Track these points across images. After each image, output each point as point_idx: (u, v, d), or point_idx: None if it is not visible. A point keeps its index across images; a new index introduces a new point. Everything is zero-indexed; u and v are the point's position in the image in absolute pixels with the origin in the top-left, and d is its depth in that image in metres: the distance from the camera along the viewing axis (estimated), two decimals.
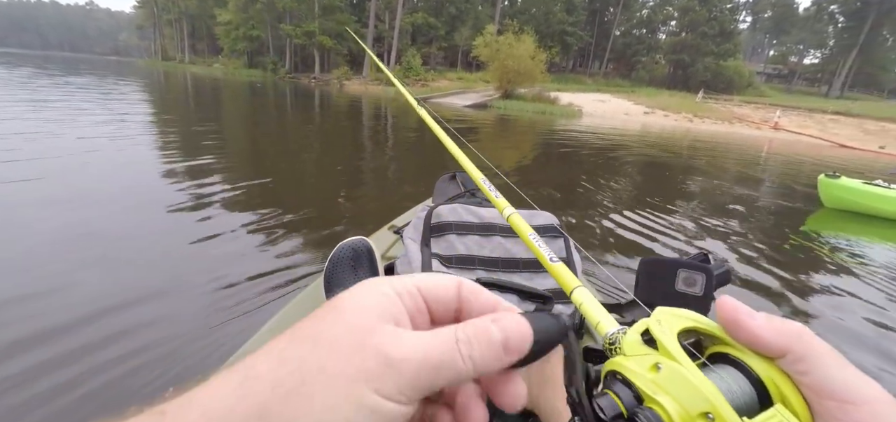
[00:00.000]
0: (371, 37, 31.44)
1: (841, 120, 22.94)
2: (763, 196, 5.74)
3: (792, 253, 3.29)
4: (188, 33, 47.91)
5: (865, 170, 9.58)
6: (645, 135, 13.07)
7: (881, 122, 23.01)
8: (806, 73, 49.23)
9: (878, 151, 15.01)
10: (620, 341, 0.22)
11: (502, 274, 0.71)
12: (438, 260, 0.71)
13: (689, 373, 0.19)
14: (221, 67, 36.76)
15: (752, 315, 0.20)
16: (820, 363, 0.18)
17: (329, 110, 12.17)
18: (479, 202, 0.89)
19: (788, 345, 0.19)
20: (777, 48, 55.60)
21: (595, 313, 0.26)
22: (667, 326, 0.21)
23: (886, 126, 21.76)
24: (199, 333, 1.65)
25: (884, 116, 25.06)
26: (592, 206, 4.11)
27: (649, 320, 0.21)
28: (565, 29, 36.28)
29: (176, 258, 2.27)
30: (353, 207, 3.35)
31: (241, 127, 7.28)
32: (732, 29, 37.38)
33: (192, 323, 1.72)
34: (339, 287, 0.73)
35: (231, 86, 18.41)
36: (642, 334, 0.22)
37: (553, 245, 0.75)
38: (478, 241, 0.74)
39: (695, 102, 25.36)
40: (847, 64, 40.63)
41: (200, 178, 3.65)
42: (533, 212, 0.81)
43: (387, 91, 23.13)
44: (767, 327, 0.19)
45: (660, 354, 0.20)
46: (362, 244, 0.77)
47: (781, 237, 3.70)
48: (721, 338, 0.21)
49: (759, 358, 0.20)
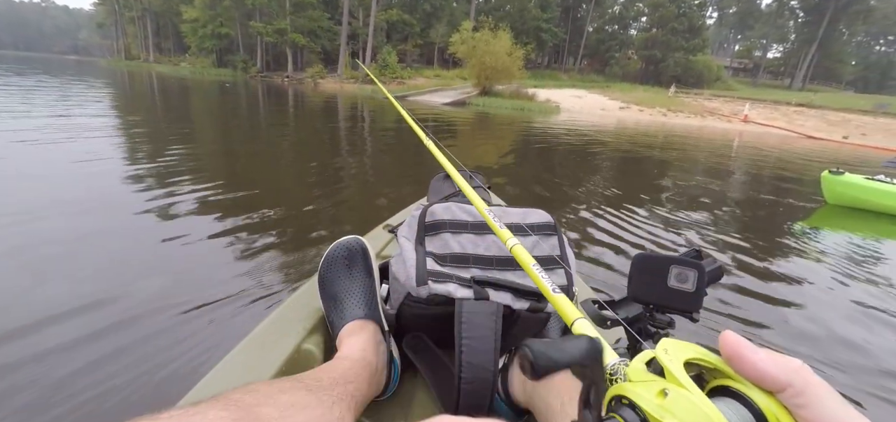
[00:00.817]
0: (345, 34, 30.83)
1: (804, 111, 23.82)
2: (756, 192, 5.78)
3: (800, 251, 3.22)
4: (153, 31, 45.90)
5: (839, 160, 9.90)
6: (623, 130, 13.18)
7: (841, 112, 24.02)
8: (770, 67, 51.18)
9: (842, 141, 15.65)
10: (623, 370, 0.23)
11: (497, 272, 0.70)
12: (433, 259, 0.70)
13: (697, 399, 0.19)
14: (189, 67, 35.34)
15: (755, 350, 0.21)
16: (817, 398, 0.19)
17: (304, 109, 11.77)
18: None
19: (789, 380, 0.20)
20: (742, 43, 57.56)
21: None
22: (674, 355, 0.22)
23: (846, 116, 22.73)
24: (167, 350, 1.50)
25: (842, 106, 26.25)
26: (579, 202, 4.00)
27: (656, 350, 0.22)
28: (540, 25, 36.53)
29: (140, 268, 2.04)
30: (333, 211, 3.13)
31: (211, 129, 6.88)
32: (700, 24, 38.43)
33: (159, 341, 1.55)
34: (333, 286, 0.74)
35: (200, 86, 17.64)
36: (647, 363, 0.22)
37: (548, 243, 0.75)
38: (472, 239, 0.73)
39: (668, 97, 25.92)
40: (808, 57, 42.38)
41: (169, 183, 3.34)
42: (527, 210, 0.79)
43: (363, 89, 22.72)
44: (769, 361, 0.20)
45: (667, 381, 0.21)
46: (357, 243, 0.77)
47: (785, 235, 3.63)
48: (723, 371, 0.22)
49: (760, 391, 0.20)
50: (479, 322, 0.62)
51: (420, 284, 0.67)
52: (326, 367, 0.57)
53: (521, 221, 0.76)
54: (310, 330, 0.74)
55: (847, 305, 2.37)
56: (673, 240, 3.24)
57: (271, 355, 0.66)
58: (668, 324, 0.53)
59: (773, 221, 4.15)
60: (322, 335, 0.75)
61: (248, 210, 2.91)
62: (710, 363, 0.22)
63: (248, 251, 2.34)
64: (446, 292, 0.66)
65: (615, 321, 0.56)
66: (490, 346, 0.61)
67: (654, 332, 0.53)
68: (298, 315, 0.77)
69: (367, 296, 0.74)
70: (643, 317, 0.55)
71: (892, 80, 51.74)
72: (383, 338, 0.71)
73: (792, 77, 44.62)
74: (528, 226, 0.76)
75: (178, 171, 3.78)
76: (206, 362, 1.47)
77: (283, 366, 0.65)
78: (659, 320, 0.53)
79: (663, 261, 0.51)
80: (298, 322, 0.75)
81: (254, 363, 0.64)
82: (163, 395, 1.34)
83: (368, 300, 0.73)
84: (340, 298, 0.73)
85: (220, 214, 2.83)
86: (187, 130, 6.37)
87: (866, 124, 20.20)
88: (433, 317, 0.70)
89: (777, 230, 3.80)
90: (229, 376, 0.61)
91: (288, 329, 0.73)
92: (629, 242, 3.05)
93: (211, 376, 0.61)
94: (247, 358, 0.65)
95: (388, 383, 0.67)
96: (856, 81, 49.96)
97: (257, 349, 0.67)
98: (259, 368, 0.63)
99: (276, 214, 2.92)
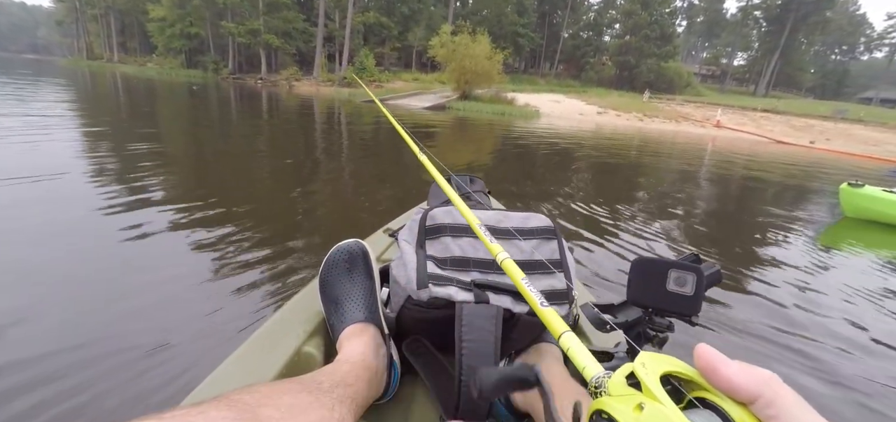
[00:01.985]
0: (320, 36, 30.21)
1: (771, 117, 24.78)
2: (761, 201, 5.79)
3: (822, 266, 3.10)
4: (117, 30, 43.84)
5: (815, 165, 10.20)
6: (603, 135, 13.27)
7: (803, 118, 25.12)
8: (736, 74, 53.24)
9: (809, 145, 16.26)
10: (605, 384, 0.23)
11: (497, 276, 0.70)
12: (433, 262, 0.71)
13: (671, 413, 0.20)
14: (156, 67, 33.86)
15: (728, 363, 0.21)
16: (787, 409, 0.20)
17: (279, 113, 11.32)
18: (474, 205, 0.86)
19: (759, 391, 0.20)
20: (709, 50, 59.75)
21: (581, 358, 0.27)
22: (650, 369, 0.22)
23: (809, 122, 23.76)
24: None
25: (804, 112, 27.49)
26: (568, 208, 3.84)
27: (634, 364, 0.23)
28: (517, 30, 36.85)
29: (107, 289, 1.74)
30: (314, 222, 2.86)
31: (182, 134, 6.43)
32: (671, 32, 39.62)
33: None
34: (333, 289, 0.74)
35: (168, 88, 16.83)
36: (627, 376, 0.23)
37: (547, 247, 0.76)
38: (473, 243, 0.74)
39: (642, 102, 26.47)
40: (770, 65, 44.34)
41: (139, 194, 3.00)
42: (527, 214, 0.80)
43: (339, 92, 22.26)
44: (740, 373, 0.21)
45: (643, 395, 0.21)
46: (357, 247, 0.77)
47: (806, 250, 3.48)
48: (699, 383, 0.22)
49: (733, 403, 0.21)
50: (479, 325, 0.62)
51: (420, 287, 0.67)
52: (327, 370, 0.58)
53: (521, 225, 0.77)
54: (310, 333, 0.74)
55: (873, 321, 2.27)
56: (680, 243, 3.13)
57: (272, 357, 0.67)
58: (667, 327, 0.56)
59: (789, 235, 4.02)
60: (322, 338, 0.75)
61: (220, 223, 2.62)
62: (687, 376, 0.23)
63: (223, 268, 2.07)
64: (447, 296, 0.66)
65: (615, 325, 0.59)
66: (490, 349, 0.61)
67: (654, 335, 0.56)
68: (299, 318, 0.77)
69: (368, 299, 0.74)
70: (643, 321, 0.57)
71: (847, 88, 54.78)
72: (383, 341, 0.70)
73: (756, 84, 46.55)
74: (528, 230, 0.76)
75: (143, 179, 3.43)
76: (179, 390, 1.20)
77: (284, 368, 0.65)
78: (658, 323, 0.56)
79: (662, 265, 0.53)
80: (299, 325, 0.75)
81: (255, 365, 0.65)
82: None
83: (369, 303, 0.73)
84: (341, 301, 0.73)
85: (192, 233, 2.53)
86: (153, 132, 5.93)
87: (828, 130, 21.14)
88: (433, 320, 0.70)
89: (796, 244, 3.65)
90: (231, 376, 0.62)
91: (289, 332, 0.73)
92: (622, 247, 3.01)
93: (213, 376, 0.61)
94: (248, 360, 0.66)
95: (388, 386, 0.67)
96: (814, 88, 52.57)
97: (258, 351, 0.68)
98: (260, 369, 0.64)
99: (253, 224, 2.64)
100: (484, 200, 1.22)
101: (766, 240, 3.68)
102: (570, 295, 0.71)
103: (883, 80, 56.85)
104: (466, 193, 1.17)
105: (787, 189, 6.61)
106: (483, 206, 0.92)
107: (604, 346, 0.64)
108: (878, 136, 19.92)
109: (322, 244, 2.59)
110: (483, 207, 0.88)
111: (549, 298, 0.64)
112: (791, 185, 7.09)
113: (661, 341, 0.57)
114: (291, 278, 2.11)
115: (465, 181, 1.25)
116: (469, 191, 1.19)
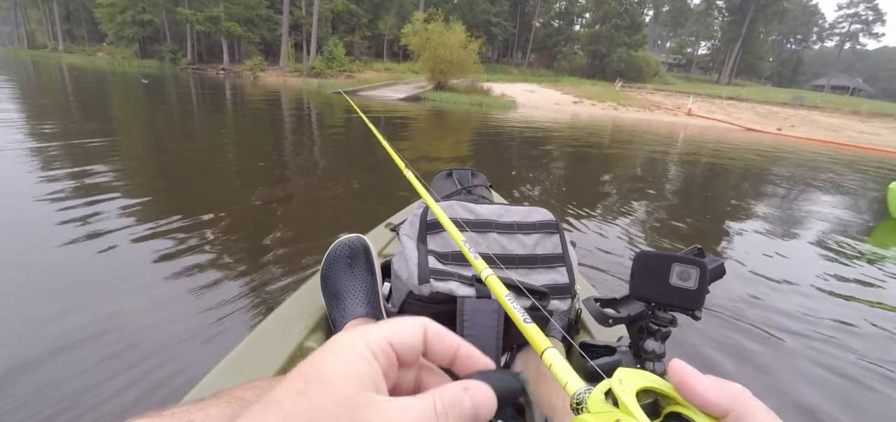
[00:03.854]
0: (286, 23, 28.85)
1: (736, 105, 25.51)
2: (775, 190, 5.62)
3: (869, 270, 2.86)
4: (61, 16, 40.55)
5: (788, 151, 10.33)
6: (581, 125, 13.10)
7: (765, 105, 26.01)
8: (701, 63, 54.84)
9: (777, 133, 16.70)
10: (585, 401, 0.24)
11: (499, 271, 0.68)
12: (435, 257, 0.71)
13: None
14: (107, 57, 31.52)
15: (700, 378, 0.21)
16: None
17: (244, 107, 10.51)
18: (475, 199, 0.87)
19: (730, 405, 0.20)
20: (675, 40, 61.25)
21: (563, 375, 0.27)
22: (627, 385, 0.22)
23: (772, 109, 24.60)
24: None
25: (765, 99, 28.52)
26: (565, 202, 3.64)
27: (612, 381, 0.23)
28: (490, 19, 36.46)
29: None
30: (286, 229, 2.39)
31: (139, 131, 5.69)
32: (641, 21, 40.22)
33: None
34: (335, 284, 0.74)
35: (121, 81, 15.52)
36: (606, 393, 0.23)
37: (549, 241, 0.77)
38: (474, 238, 0.74)
39: (615, 92, 26.70)
40: (732, 54, 45.88)
41: (95, 200, 2.42)
42: (530, 209, 0.80)
43: (308, 83, 21.30)
44: (712, 388, 0.21)
45: (621, 412, 0.22)
46: (359, 242, 0.77)
47: (855, 254, 3.21)
48: (675, 399, 0.23)
49: (707, 418, 0.21)
50: (480, 321, 0.62)
51: (422, 281, 0.67)
52: None
53: (523, 219, 0.77)
54: (312, 328, 0.74)
55: None
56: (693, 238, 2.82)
57: (273, 353, 0.66)
58: (670, 322, 0.56)
59: (827, 235, 3.83)
60: (324, 333, 0.75)
61: (183, 234, 2.11)
62: (663, 392, 0.23)
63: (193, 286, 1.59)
64: (448, 290, 0.66)
65: (617, 319, 0.59)
66: (492, 344, 0.61)
67: (657, 329, 0.57)
68: (300, 313, 0.77)
69: (369, 294, 0.74)
70: (645, 315, 0.57)
71: (801, 75, 57.60)
72: None
73: (720, 72, 48.12)
74: (530, 224, 0.77)
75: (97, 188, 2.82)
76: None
77: (286, 363, 0.65)
78: (661, 317, 0.56)
79: (665, 259, 0.52)
80: (300, 320, 0.75)
81: (256, 361, 0.64)
82: None
83: (370, 298, 0.73)
84: (342, 296, 0.73)
85: (153, 246, 2.01)
86: (103, 127, 5.18)
87: (791, 116, 21.90)
88: (435, 315, 0.71)
89: (842, 248, 3.35)
90: (232, 373, 0.62)
91: (290, 327, 0.73)
92: (621, 237, 2.94)
93: (214, 373, 0.60)
94: (249, 356, 0.66)
95: None
96: (772, 76, 54.95)
97: (260, 347, 0.68)
98: (261, 365, 0.64)
99: (221, 235, 2.14)
100: (486, 194, 1.19)
101: (809, 241, 3.45)
102: (572, 289, 0.72)
103: (833, 67, 60.16)
104: (469, 186, 1.16)
105: (795, 182, 6.54)
106: (486, 200, 0.91)
107: (606, 340, 0.64)
108: (838, 122, 20.81)
109: (306, 250, 2.26)
110: (486, 200, 0.88)
111: (551, 292, 0.70)
112: (801, 178, 7.05)
113: (663, 336, 0.56)
114: (269, 289, 1.78)
115: (466, 175, 1.21)
116: (471, 185, 1.16)
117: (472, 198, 1.00)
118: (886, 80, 63.08)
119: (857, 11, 59.67)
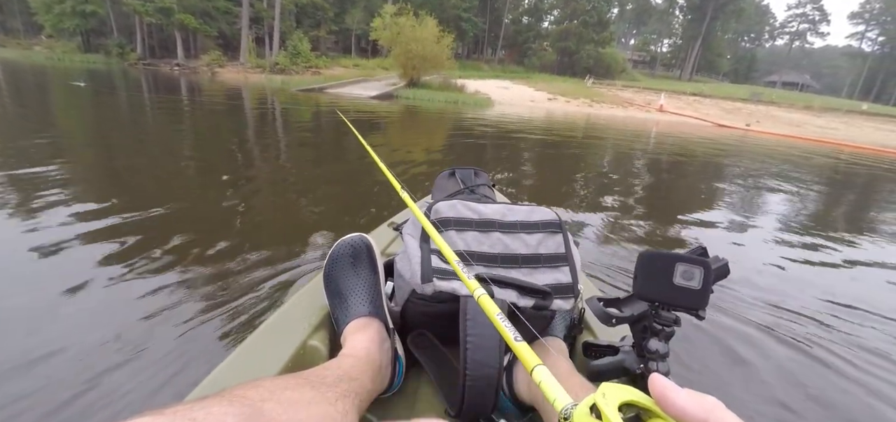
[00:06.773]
0: (246, 16, 27.20)
1: (703, 101, 26.11)
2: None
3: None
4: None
5: (764, 147, 10.33)
6: (557, 122, 12.79)
7: (728, 100, 26.80)
8: (664, 60, 56.49)
9: (746, 128, 17.04)
10: (572, 415, 0.24)
11: (501, 270, 0.71)
12: (437, 257, 0.69)
13: None
14: (46, 52, 28.77)
15: (677, 391, 0.22)
16: None
17: (201, 106, 9.50)
18: (478, 199, 0.86)
19: (705, 417, 0.21)
20: (638, 37, 62.90)
21: (552, 391, 0.27)
22: (611, 399, 0.23)
23: (735, 105, 25.34)
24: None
25: (726, 95, 29.43)
26: (565, 201, 3.46)
27: (596, 395, 0.24)
28: (460, 15, 35.91)
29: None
30: (255, 237, 1.76)
31: (86, 134, 4.74)
32: (608, 18, 40.81)
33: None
34: (338, 283, 0.74)
35: (62, 77, 13.93)
36: (591, 407, 0.24)
37: (553, 240, 0.75)
38: (477, 237, 0.73)
39: (587, 88, 26.79)
40: (694, 51, 47.44)
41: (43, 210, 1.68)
42: (532, 208, 0.79)
43: (271, 80, 20.05)
44: (689, 400, 0.22)
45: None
46: (361, 241, 0.77)
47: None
48: (656, 412, 0.23)
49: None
50: (483, 320, 0.62)
51: (425, 281, 0.67)
52: (331, 364, 0.58)
53: (526, 218, 0.76)
54: (315, 327, 0.74)
55: None
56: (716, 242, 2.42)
57: (277, 352, 0.66)
58: (673, 321, 0.56)
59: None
60: (327, 332, 0.75)
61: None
62: (645, 406, 0.24)
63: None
64: (451, 290, 0.66)
65: (621, 319, 0.59)
66: (495, 343, 0.61)
67: (660, 329, 0.56)
68: (303, 312, 0.77)
69: (372, 293, 0.74)
70: (649, 315, 0.57)
71: (755, 72, 60.36)
72: (388, 335, 0.70)
73: (682, 69, 49.67)
74: (533, 224, 0.76)
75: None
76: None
77: (289, 362, 0.65)
78: (664, 317, 0.56)
79: (669, 258, 0.52)
80: (303, 319, 0.75)
81: (259, 359, 0.65)
82: None
83: (373, 297, 0.73)
84: (345, 295, 0.73)
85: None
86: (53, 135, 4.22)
87: (755, 112, 22.59)
88: (438, 314, 0.70)
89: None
90: (235, 371, 0.62)
91: (293, 326, 0.73)
92: (625, 237, 2.86)
93: (217, 371, 0.61)
94: (252, 354, 0.66)
95: (392, 380, 0.67)
96: (729, 73, 57.24)
97: (263, 346, 0.68)
98: (264, 364, 0.64)
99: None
100: (489, 194, 1.17)
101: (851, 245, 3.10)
102: (575, 289, 0.71)
103: (784, 64, 63.50)
104: (472, 185, 1.15)
105: (799, 179, 6.34)
106: (488, 199, 0.90)
107: (609, 340, 0.62)
108: (799, 117, 21.63)
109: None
110: (489, 200, 0.87)
111: (554, 291, 0.71)
112: (807, 179, 6.87)
113: (667, 336, 0.56)
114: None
115: (469, 174, 1.20)
116: (474, 184, 1.16)
117: (474, 197, 0.99)
118: (829, 77, 67.11)
119: (805, 11, 63.10)
